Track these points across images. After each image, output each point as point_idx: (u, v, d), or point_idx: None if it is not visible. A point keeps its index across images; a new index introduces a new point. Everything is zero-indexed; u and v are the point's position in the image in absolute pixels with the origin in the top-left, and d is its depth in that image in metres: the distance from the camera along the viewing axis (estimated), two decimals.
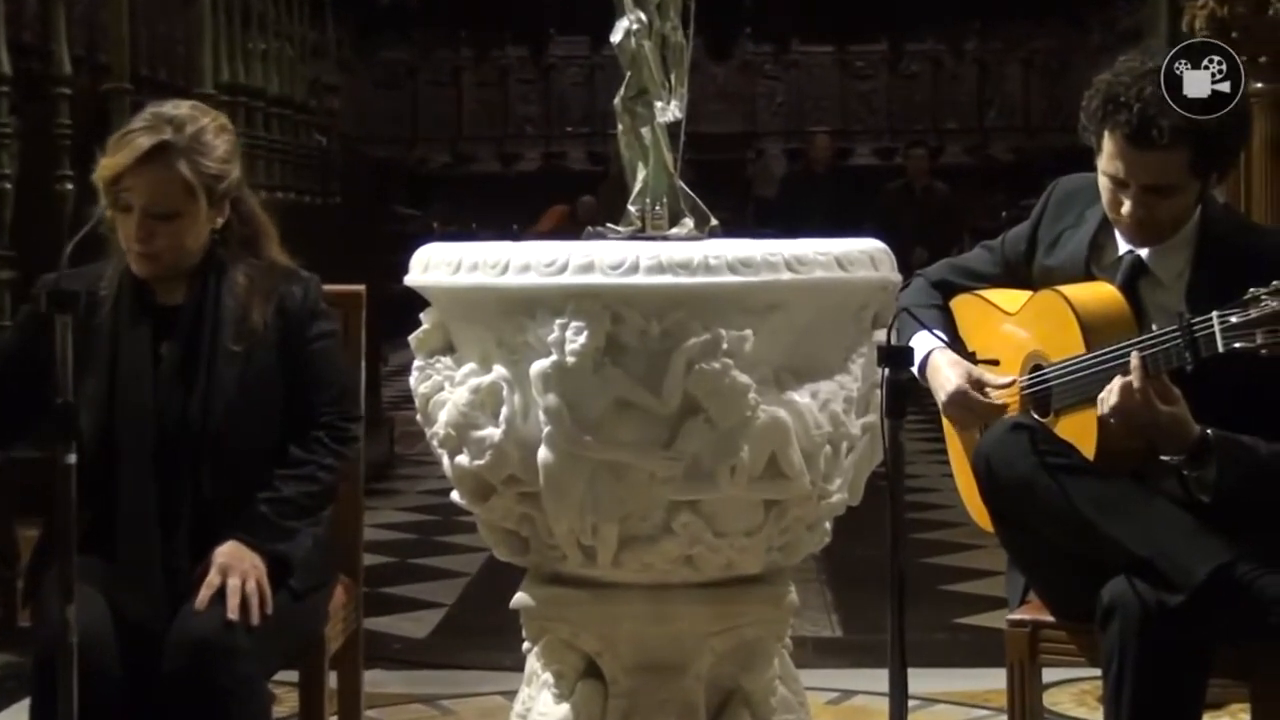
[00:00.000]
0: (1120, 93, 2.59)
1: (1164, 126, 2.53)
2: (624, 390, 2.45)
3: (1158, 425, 2.49)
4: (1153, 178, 2.58)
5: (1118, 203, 2.64)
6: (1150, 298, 2.69)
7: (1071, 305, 2.66)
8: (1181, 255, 2.67)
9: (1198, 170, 2.60)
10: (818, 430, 2.55)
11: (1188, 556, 2.46)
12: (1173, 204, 2.61)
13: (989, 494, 2.67)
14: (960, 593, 4.91)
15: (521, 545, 2.67)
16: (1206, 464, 2.50)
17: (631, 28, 2.71)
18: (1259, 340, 2.37)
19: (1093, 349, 2.62)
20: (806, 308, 2.55)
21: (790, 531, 2.60)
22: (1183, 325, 2.47)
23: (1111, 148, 2.60)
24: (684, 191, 2.78)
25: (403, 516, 6.38)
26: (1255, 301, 2.38)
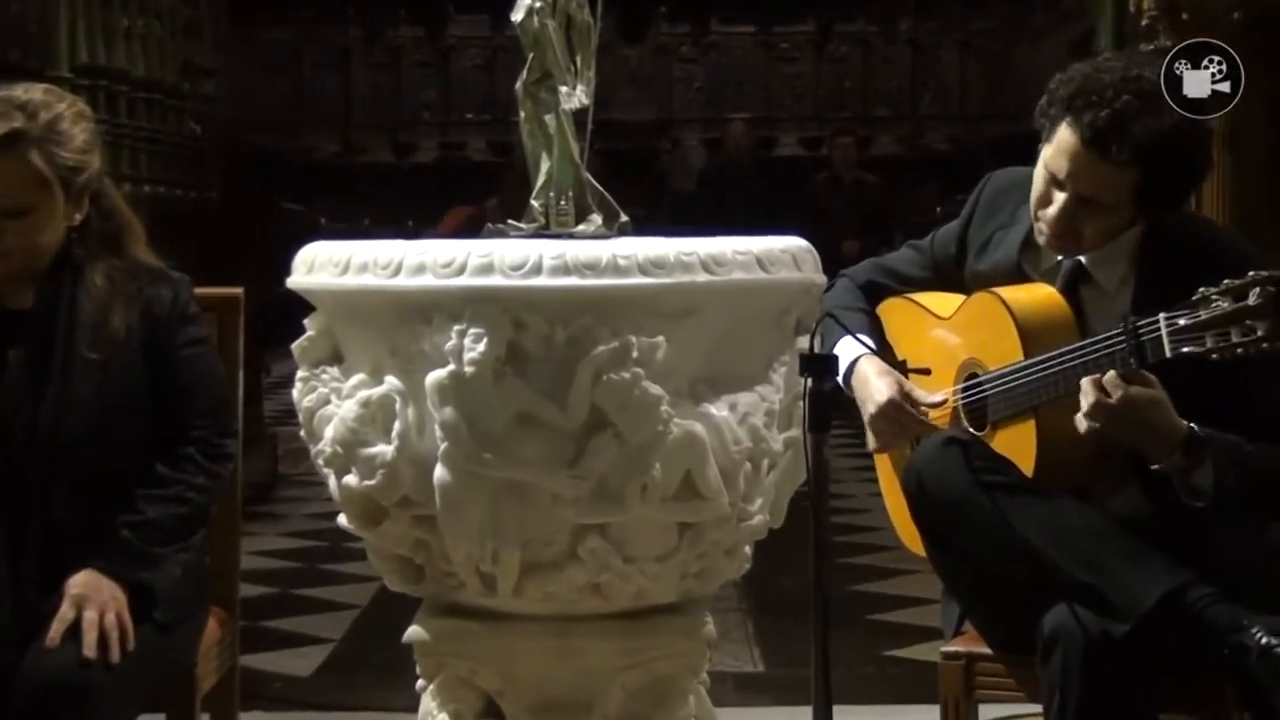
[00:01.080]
0: (1096, 90, 2.58)
1: (1124, 143, 2.54)
2: (526, 403, 2.45)
3: (1145, 422, 2.48)
4: (1093, 189, 2.59)
5: (1046, 200, 2.64)
6: (1093, 305, 2.70)
7: (1009, 309, 2.67)
8: (1125, 259, 2.69)
9: (1140, 197, 2.61)
10: (736, 446, 2.56)
11: (1134, 582, 2.48)
12: (1100, 223, 2.62)
13: (921, 515, 2.68)
14: (891, 623, 4.94)
15: (415, 574, 2.65)
16: (1200, 464, 2.50)
17: (534, 6, 2.71)
18: (1209, 344, 2.38)
19: (1032, 356, 2.62)
20: (724, 312, 2.56)
21: (707, 557, 2.61)
22: (1127, 329, 2.48)
23: (1063, 143, 2.60)
24: (592, 185, 2.78)
25: (285, 543, 6.32)
26: (1205, 302, 2.39)
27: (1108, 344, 2.51)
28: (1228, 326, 2.37)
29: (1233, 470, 2.50)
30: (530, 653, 2.62)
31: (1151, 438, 2.51)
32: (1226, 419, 2.54)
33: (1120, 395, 2.46)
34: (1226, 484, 2.49)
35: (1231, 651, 2.43)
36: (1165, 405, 2.49)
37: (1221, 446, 2.50)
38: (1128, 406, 2.46)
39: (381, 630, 4.36)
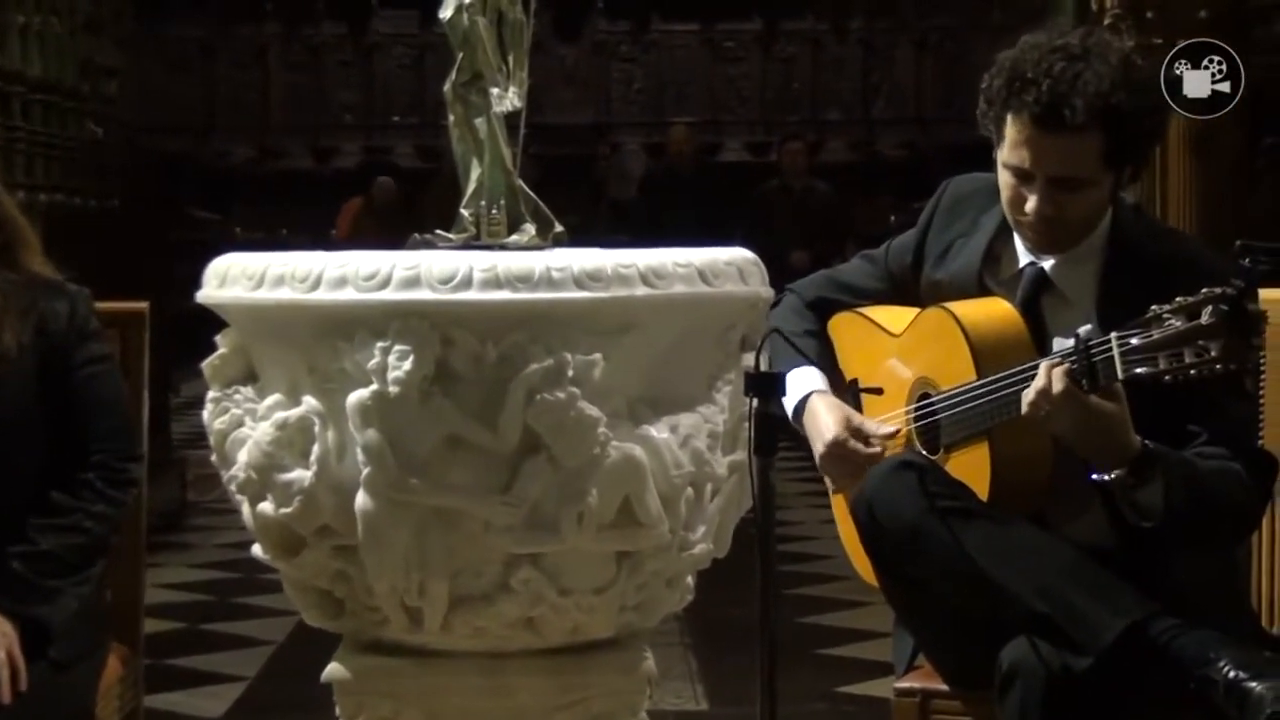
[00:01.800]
0: (1027, 69, 2.60)
1: (1076, 105, 2.55)
2: (455, 425, 2.45)
3: (1097, 423, 2.48)
4: (1062, 166, 2.61)
5: (1021, 200, 2.66)
6: (1055, 316, 2.71)
7: (961, 325, 2.68)
8: (1089, 267, 2.71)
9: (1111, 160, 2.62)
10: (678, 470, 2.57)
11: (1096, 613, 2.49)
12: (1083, 201, 2.64)
13: (872, 543, 2.69)
14: (842, 657, 4.96)
15: (335, 607, 2.65)
16: (1150, 480, 2.52)
17: (464, 2, 2.72)
18: (1162, 365, 2.39)
19: (985, 375, 2.64)
20: (665, 328, 2.57)
21: (647, 588, 2.62)
22: (1079, 348, 2.49)
23: (1016, 133, 2.62)
24: (525, 192, 2.79)
25: (194, 574, 6.28)
26: (1157, 321, 2.40)
27: (1059, 363, 2.53)
28: (1181, 346, 2.37)
29: (1184, 492, 2.51)
30: (459, 692, 2.62)
31: (1098, 448, 2.53)
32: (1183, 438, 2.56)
33: (1062, 388, 2.48)
34: (1175, 506, 2.51)
35: (1198, 685, 2.45)
36: (1122, 418, 2.51)
37: (1174, 466, 2.52)
38: (1075, 406, 2.48)
39: (298, 668, 4.33)
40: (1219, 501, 2.55)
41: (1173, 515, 2.51)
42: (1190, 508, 2.52)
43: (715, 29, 14.82)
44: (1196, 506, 2.53)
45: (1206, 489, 2.54)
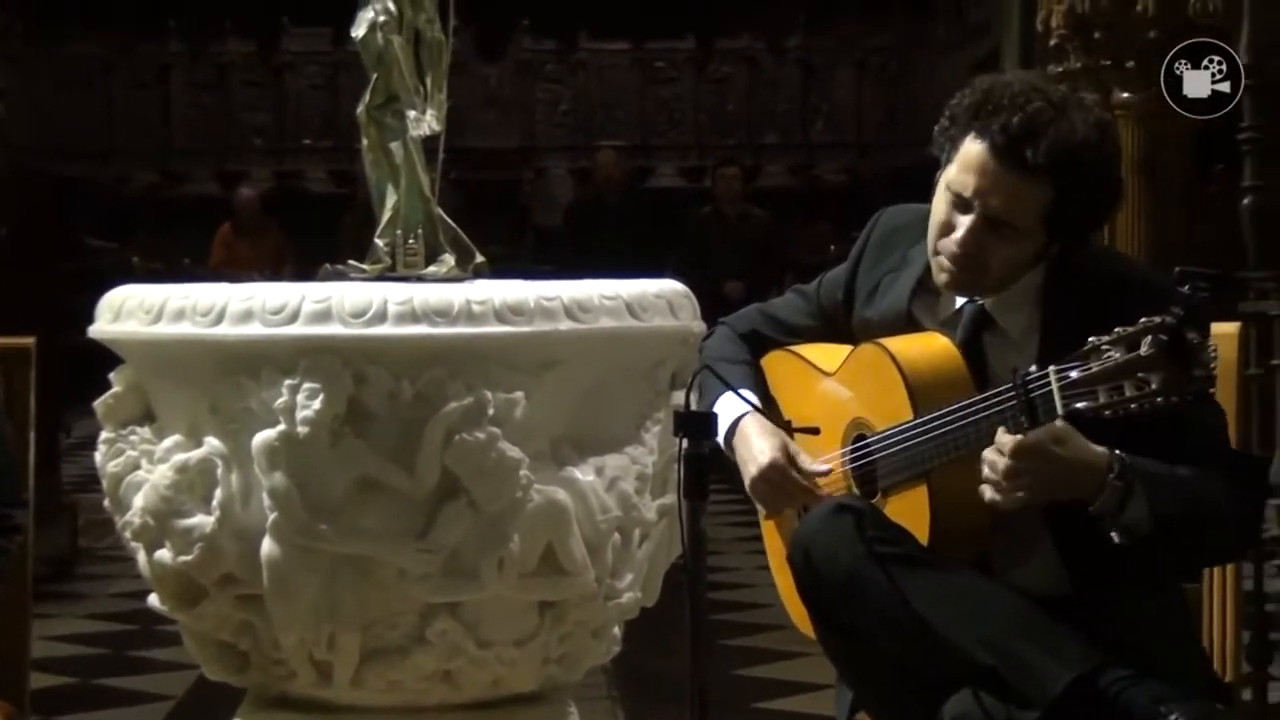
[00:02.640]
0: (1004, 96, 2.62)
1: (1040, 147, 2.57)
2: (368, 467, 2.45)
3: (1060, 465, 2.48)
4: (1003, 207, 2.62)
5: (949, 227, 2.67)
6: (997, 355, 2.72)
7: (897, 362, 2.69)
8: (1031, 303, 2.73)
9: (1051, 219, 2.63)
10: (604, 515, 2.58)
11: (1042, 664, 2.50)
12: (1007, 250, 2.65)
13: (809, 591, 2.69)
14: (779, 711, 4.96)
15: (239, 661, 2.63)
16: (1134, 494, 2.51)
17: (378, 20, 2.73)
18: (1102, 399, 2.40)
19: (922, 414, 2.64)
20: (591, 364, 2.58)
21: (571, 639, 2.62)
22: (1018, 384, 2.51)
23: (970, 157, 2.63)
24: (444, 221, 2.79)
25: (86, 626, 6.22)
26: (1096, 353, 2.41)
27: (998, 401, 2.54)
28: (1120, 379, 2.39)
29: (1171, 497, 2.51)
30: None
31: (1074, 478, 2.53)
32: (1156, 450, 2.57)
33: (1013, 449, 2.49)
34: (1166, 512, 2.51)
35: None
36: (1072, 439, 2.51)
37: (1151, 472, 2.52)
38: (1034, 458, 2.50)
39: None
40: (1208, 506, 2.55)
41: (1164, 524, 2.51)
42: (1181, 514, 2.51)
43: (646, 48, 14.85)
44: (1187, 512, 2.52)
45: (1193, 494, 2.53)
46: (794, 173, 14.75)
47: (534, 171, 14.59)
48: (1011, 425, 2.51)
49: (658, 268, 8.91)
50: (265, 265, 11.51)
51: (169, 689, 5.25)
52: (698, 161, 14.47)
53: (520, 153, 14.56)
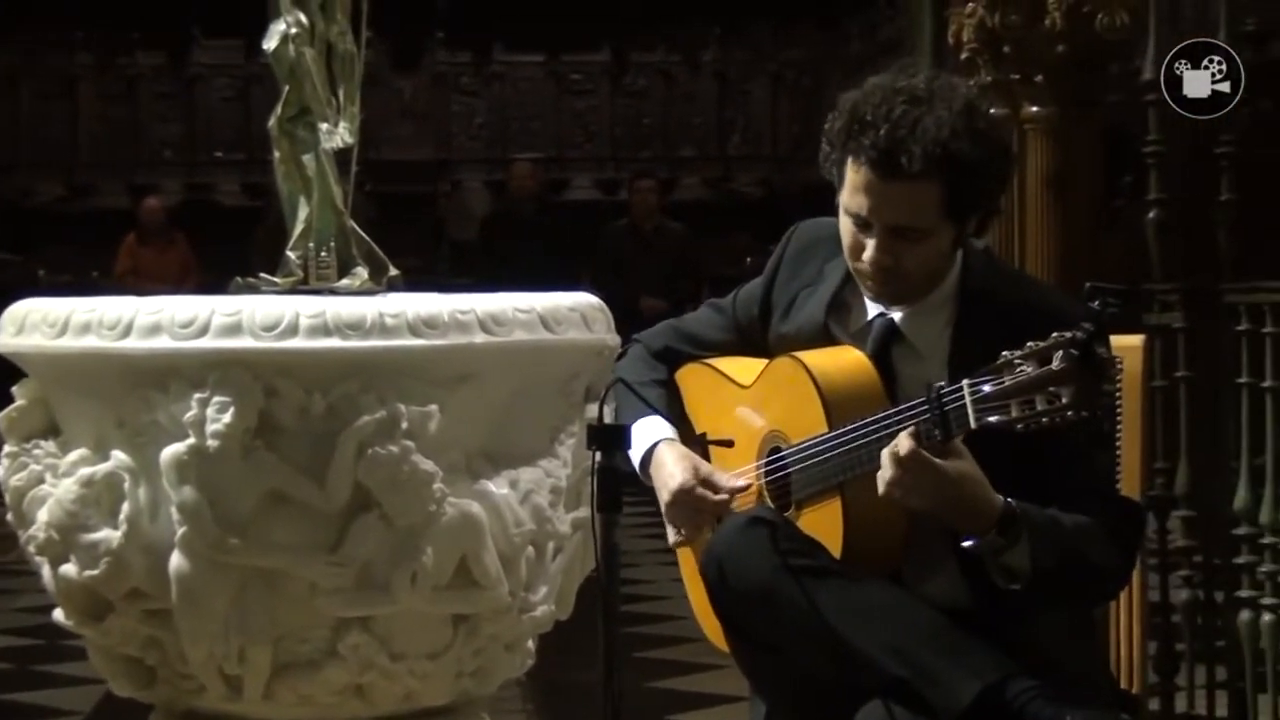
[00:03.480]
0: (867, 112, 2.64)
1: (914, 152, 2.59)
2: (280, 481, 2.44)
3: (951, 491, 2.51)
4: (899, 215, 2.64)
5: (859, 248, 2.70)
6: (906, 370, 2.75)
7: (812, 376, 2.70)
8: (940, 318, 2.75)
9: (951, 211, 2.66)
10: (518, 528, 2.58)
11: (952, 675, 2.52)
12: (921, 252, 2.68)
13: (722, 604, 2.70)
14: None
15: (146, 676, 2.62)
16: (1017, 541, 2.54)
17: (290, 32, 2.72)
18: (1014, 413, 2.42)
19: (837, 427, 2.66)
20: (505, 378, 2.58)
21: (485, 653, 2.62)
22: (931, 397, 2.53)
23: (855, 178, 2.65)
24: (357, 234, 2.79)
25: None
26: (1009, 367, 2.44)
27: (911, 414, 2.56)
28: (1032, 393, 2.41)
29: (1051, 552, 2.55)
30: None
31: (963, 513, 2.56)
32: (1046, 494, 2.61)
33: (911, 460, 2.52)
34: (1043, 565, 2.55)
35: None
36: (976, 479, 2.55)
37: (1039, 525, 2.56)
38: (921, 475, 2.52)
39: None
40: (1086, 561, 2.59)
41: (1040, 576, 2.55)
42: (1057, 567, 2.55)
43: (561, 60, 14.84)
44: (1063, 566, 2.56)
45: (1073, 548, 2.57)
46: (710, 185, 14.77)
47: (449, 184, 14.54)
48: (925, 438, 2.54)
49: (574, 280, 8.92)
50: (170, 275, 11.48)
51: (75, 704, 5.21)
52: (614, 174, 14.46)
53: (435, 165, 14.51)
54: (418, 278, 2.89)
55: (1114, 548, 2.64)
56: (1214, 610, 4.24)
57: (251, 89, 13.88)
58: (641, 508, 2.87)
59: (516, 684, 3.87)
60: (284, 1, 2.72)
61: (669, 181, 13.79)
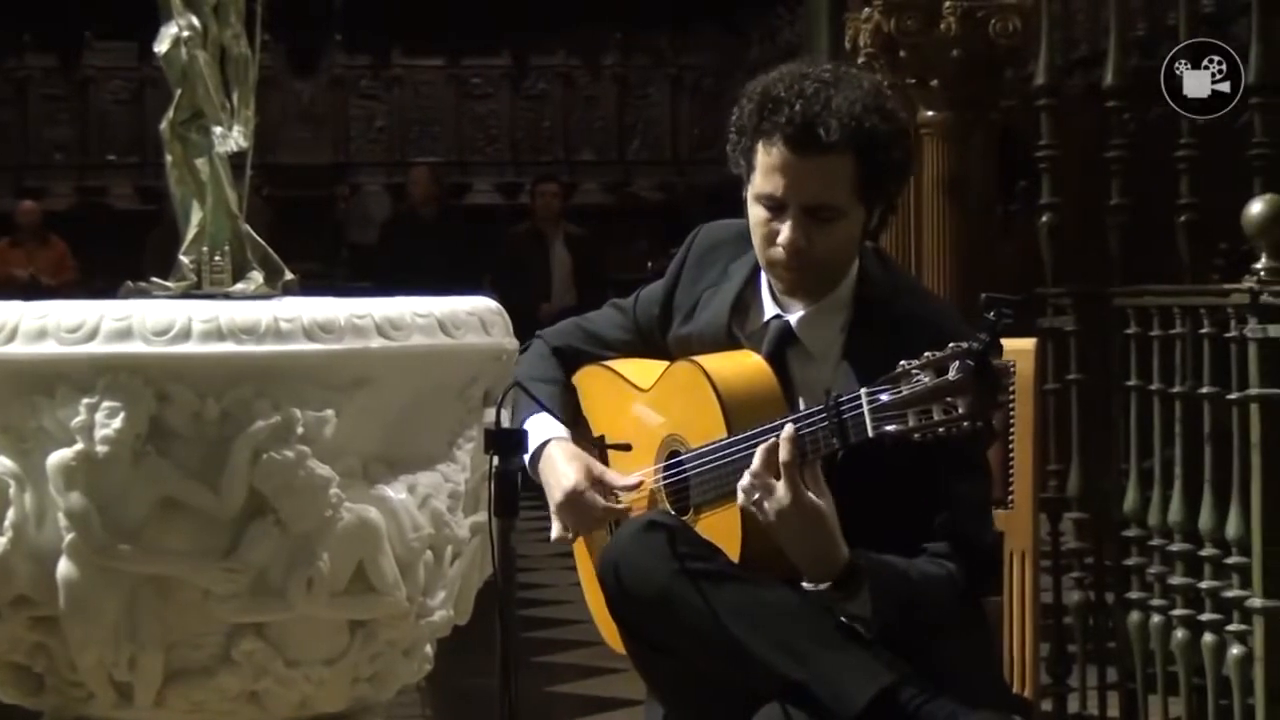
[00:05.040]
0: (779, 91, 2.67)
1: (830, 124, 2.62)
2: (171, 487, 2.43)
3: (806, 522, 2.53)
4: (815, 193, 2.66)
5: (772, 235, 2.71)
6: (800, 372, 2.77)
7: (711, 380, 2.71)
8: (835, 322, 2.77)
9: (862, 190, 2.69)
10: (416, 533, 2.58)
11: (846, 680, 2.53)
12: (835, 234, 2.70)
13: (619, 608, 2.70)
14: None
15: (34, 683, 2.59)
16: (856, 595, 2.57)
17: (182, 35, 2.71)
18: (911, 422, 2.44)
19: (736, 432, 2.66)
20: (402, 382, 2.57)
21: (382, 658, 2.61)
22: (829, 405, 2.54)
23: (769, 159, 2.67)
24: (252, 238, 2.77)
25: None
26: (906, 377, 2.46)
27: (809, 421, 2.57)
28: (929, 403, 2.44)
29: (894, 608, 2.57)
30: None
31: (804, 552, 2.58)
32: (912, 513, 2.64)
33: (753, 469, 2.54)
34: (885, 621, 2.57)
35: None
36: (830, 526, 2.56)
37: (883, 582, 2.57)
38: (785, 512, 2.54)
39: None
40: (930, 612, 2.62)
41: (882, 628, 2.57)
42: (900, 620, 2.58)
43: (461, 64, 14.79)
44: (906, 619, 2.59)
45: (918, 603, 2.60)
46: (610, 190, 14.78)
47: (349, 188, 14.46)
48: (823, 445, 2.55)
49: (475, 285, 8.89)
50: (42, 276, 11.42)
51: None
52: (514, 178, 14.44)
53: (334, 169, 14.42)
54: (316, 282, 2.88)
55: (956, 602, 2.65)
56: (1105, 612, 4.29)
57: (146, 92, 13.74)
58: (543, 512, 2.87)
59: (415, 689, 3.85)
60: (176, 4, 2.70)
61: (569, 186, 13.78)
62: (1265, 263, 3.54)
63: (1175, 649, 3.87)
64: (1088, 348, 4.28)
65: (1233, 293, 3.61)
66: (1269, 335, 3.48)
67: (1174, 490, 3.87)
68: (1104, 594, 4.31)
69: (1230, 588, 3.67)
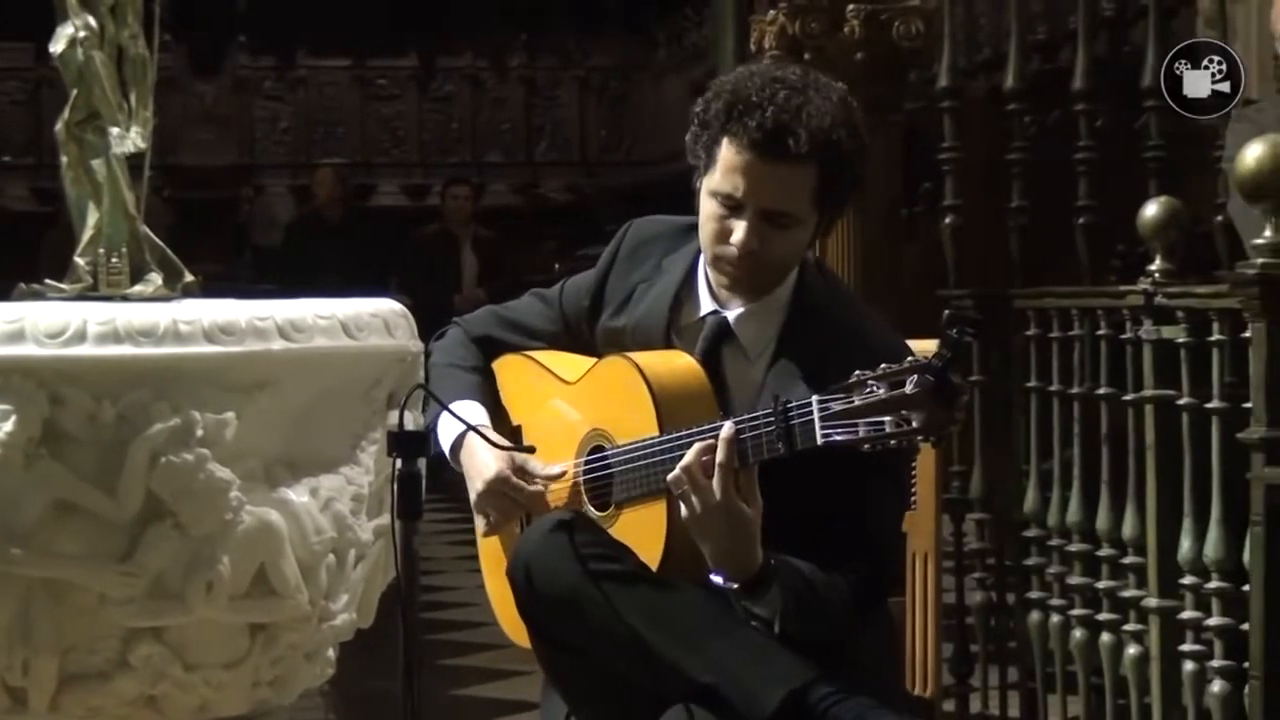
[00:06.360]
0: (751, 94, 2.67)
1: (800, 135, 2.63)
2: (66, 490, 2.41)
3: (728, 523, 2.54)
4: (775, 199, 2.67)
5: (726, 232, 2.70)
6: (733, 370, 2.77)
7: (645, 377, 2.70)
8: (771, 323, 2.77)
9: (820, 201, 2.70)
10: (318, 536, 2.57)
11: (757, 681, 2.54)
12: (788, 241, 2.71)
13: (528, 607, 2.70)
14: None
15: None
16: (762, 597, 2.59)
17: (78, 35, 2.68)
18: (861, 433, 2.44)
19: (667, 431, 2.66)
20: (305, 384, 2.57)
21: (284, 662, 2.60)
22: (778, 410, 2.53)
23: (732, 159, 2.67)
24: (150, 239, 2.75)
25: None
26: (860, 387, 2.45)
27: (753, 425, 2.57)
28: (882, 415, 2.44)
29: (796, 613, 2.59)
30: None
31: (721, 549, 2.59)
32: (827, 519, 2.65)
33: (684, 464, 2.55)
34: (786, 625, 2.59)
35: None
36: (754, 529, 2.57)
37: (789, 588, 2.59)
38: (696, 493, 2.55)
39: None
40: (829, 620, 2.64)
41: (783, 631, 2.59)
42: (800, 626, 2.60)
43: (367, 66, 14.73)
44: (806, 624, 2.61)
45: (819, 610, 2.61)
46: (518, 191, 14.77)
47: (253, 190, 14.37)
48: (767, 450, 2.55)
49: (381, 287, 8.86)
50: None
51: None
52: (421, 180, 14.41)
53: (238, 170, 14.32)
54: (220, 284, 2.87)
55: (856, 615, 2.68)
56: (1007, 612, 4.33)
57: (42, 92, 13.57)
58: (448, 514, 2.86)
59: (318, 693, 3.84)
60: (72, 4, 2.68)
61: (477, 187, 13.77)
62: (1159, 265, 3.59)
63: (1074, 649, 3.91)
64: (990, 349, 4.31)
65: (1128, 294, 3.66)
66: (1163, 337, 3.53)
67: (1072, 491, 3.92)
68: (1005, 594, 4.34)
69: (1127, 587, 3.72)
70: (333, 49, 14.54)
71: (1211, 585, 3.37)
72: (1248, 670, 3.15)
